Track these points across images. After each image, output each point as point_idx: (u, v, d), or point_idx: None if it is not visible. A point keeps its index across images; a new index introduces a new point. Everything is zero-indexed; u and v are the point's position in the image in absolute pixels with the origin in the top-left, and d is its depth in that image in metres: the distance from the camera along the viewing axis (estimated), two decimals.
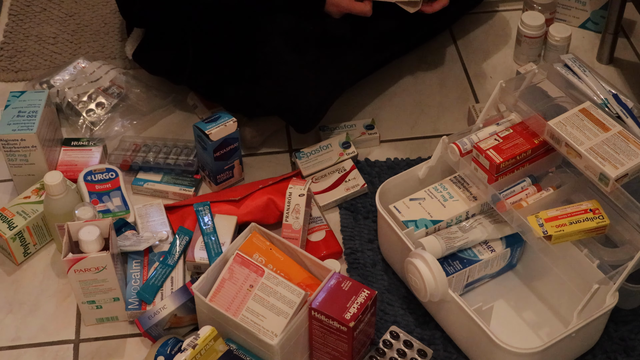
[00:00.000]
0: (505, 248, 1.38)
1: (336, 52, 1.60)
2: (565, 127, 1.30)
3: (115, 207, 1.52)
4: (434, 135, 1.70)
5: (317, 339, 1.28)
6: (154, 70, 1.73)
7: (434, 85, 1.81)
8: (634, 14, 1.95)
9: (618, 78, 1.81)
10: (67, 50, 1.91)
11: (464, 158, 1.38)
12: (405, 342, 1.32)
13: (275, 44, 1.55)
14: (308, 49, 1.57)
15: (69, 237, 1.32)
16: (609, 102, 1.38)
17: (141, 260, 1.44)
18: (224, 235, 1.46)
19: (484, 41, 1.91)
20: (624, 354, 1.33)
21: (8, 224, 1.46)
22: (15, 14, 2.00)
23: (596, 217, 1.28)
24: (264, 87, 1.57)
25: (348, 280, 1.27)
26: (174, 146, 1.63)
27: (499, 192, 1.33)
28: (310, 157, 1.62)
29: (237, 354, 1.24)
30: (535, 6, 1.84)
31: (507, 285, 1.43)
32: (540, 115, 1.34)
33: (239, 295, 1.26)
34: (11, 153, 1.53)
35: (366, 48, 1.65)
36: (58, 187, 1.40)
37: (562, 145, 1.30)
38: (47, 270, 1.48)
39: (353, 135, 1.67)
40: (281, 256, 1.32)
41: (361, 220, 1.54)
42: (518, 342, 1.22)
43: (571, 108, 1.35)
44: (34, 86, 1.76)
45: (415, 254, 1.30)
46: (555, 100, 1.41)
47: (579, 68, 1.43)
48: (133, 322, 1.39)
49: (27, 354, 1.37)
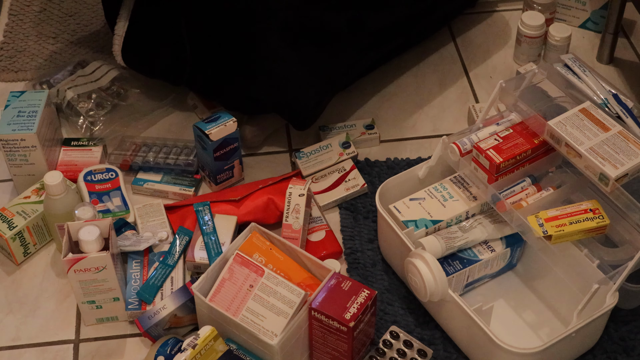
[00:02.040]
0: (505, 248, 1.38)
1: (333, 48, 1.60)
2: (565, 127, 1.30)
3: (115, 207, 1.52)
4: (434, 135, 1.70)
5: (317, 339, 1.28)
6: (151, 72, 1.71)
7: (434, 85, 1.81)
8: (634, 14, 1.95)
9: (618, 78, 1.81)
10: (67, 50, 1.91)
11: (464, 158, 1.38)
12: (405, 342, 1.32)
13: (271, 40, 1.54)
14: (305, 45, 1.56)
15: (69, 237, 1.32)
16: (609, 102, 1.38)
17: (141, 260, 1.44)
18: (224, 235, 1.46)
19: (484, 41, 1.91)
20: (624, 354, 1.33)
21: (8, 224, 1.46)
22: (15, 14, 2.00)
23: (596, 217, 1.28)
24: (261, 83, 1.57)
25: (348, 280, 1.27)
26: (174, 146, 1.63)
27: (499, 192, 1.33)
28: (310, 157, 1.62)
29: (237, 354, 1.24)
30: (535, 6, 1.84)
31: (507, 285, 1.43)
32: (540, 115, 1.34)
33: (239, 295, 1.26)
34: (11, 153, 1.53)
35: (363, 44, 1.65)
36: (58, 187, 1.41)
37: (562, 145, 1.30)
38: (47, 270, 1.48)
39: (353, 135, 1.67)
40: (281, 256, 1.32)
41: (361, 220, 1.54)
42: (518, 342, 1.22)
43: (571, 108, 1.35)
44: (34, 86, 1.76)
45: (415, 254, 1.30)
46: (555, 100, 1.41)
47: (579, 68, 1.43)
48: (133, 322, 1.39)
49: (27, 354, 1.37)
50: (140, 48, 1.67)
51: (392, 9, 1.65)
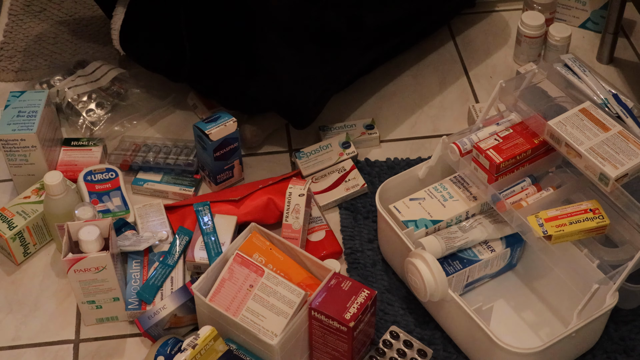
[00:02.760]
0: (505, 248, 1.38)
1: (333, 47, 1.59)
2: (565, 127, 1.30)
3: (115, 207, 1.52)
4: (434, 135, 1.70)
5: (317, 339, 1.28)
6: (150, 65, 1.71)
7: (434, 85, 1.81)
8: (634, 14, 1.95)
9: (618, 78, 1.81)
10: (67, 50, 1.91)
11: (464, 158, 1.38)
12: (405, 342, 1.32)
13: (271, 39, 1.54)
14: (304, 44, 1.56)
15: (69, 237, 1.32)
16: (609, 102, 1.38)
17: (141, 260, 1.44)
18: (224, 235, 1.46)
19: (484, 41, 1.91)
20: (624, 354, 1.33)
21: (8, 224, 1.46)
22: (15, 14, 2.00)
23: (596, 217, 1.28)
24: (260, 82, 1.56)
25: (348, 280, 1.27)
26: (174, 146, 1.63)
27: (498, 192, 1.33)
28: (310, 157, 1.62)
29: (237, 354, 1.24)
30: (535, 6, 1.84)
31: (507, 285, 1.43)
32: (540, 115, 1.34)
33: (239, 295, 1.26)
34: (11, 153, 1.53)
35: (363, 43, 1.65)
36: (58, 187, 1.41)
37: (562, 145, 1.30)
38: (47, 270, 1.48)
39: (353, 135, 1.67)
40: (281, 256, 1.32)
41: (361, 220, 1.54)
42: (518, 342, 1.22)
43: (571, 108, 1.35)
44: (34, 86, 1.76)
45: (415, 254, 1.30)
46: (555, 100, 1.41)
47: (578, 68, 1.43)
48: (133, 322, 1.39)
49: (27, 354, 1.37)
50: (140, 39, 1.66)
51: (392, 7, 1.65)
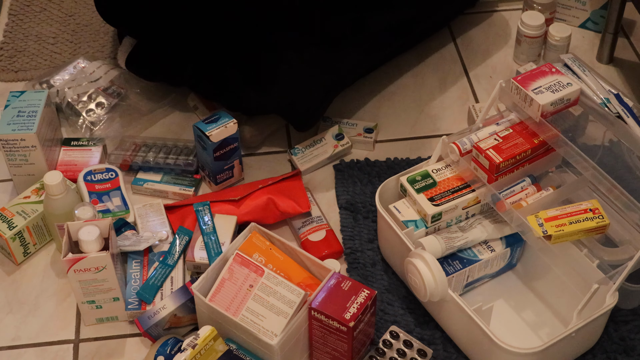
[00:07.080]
0: (505, 248, 1.38)
1: (336, 51, 1.60)
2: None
3: (115, 207, 1.52)
4: (434, 135, 1.70)
5: (317, 339, 1.28)
6: (151, 76, 1.70)
7: (434, 85, 1.81)
8: (634, 14, 1.95)
9: (618, 78, 1.81)
10: (67, 50, 1.91)
11: (464, 158, 1.38)
12: (405, 342, 1.32)
13: (274, 42, 1.55)
14: (308, 47, 1.57)
15: (69, 237, 1.32)
16: (609, 101, 1.38)
17: (141, 260, 1.44)
18: (224, 235, 1.46)
19: (484, 41, 1.91)
20: (624, 354, 1.33)
21: (8, 224, 1.46)
22: (15, 14, 2.00)
23: (596, 217, 1.28)
24: (263, 85, 1.57)
25: (348, 280, 1.27)
26: (174, 146, 1.63)
27: (498, 192, 1.33)
28: (305, 152, 1.62)
29: (237, 354, 1.24)
30: (535, 6, 1.84)
31: (507, 285, 1.43)
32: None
33: (239, 295, 1.26)
34: (11, 153, 1.53)
35: (366, 46, 1.65)
36: (58, 187, 1.41)
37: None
38: (47, 270, 1.48)
39: (348, 133, 1.67)
40: (281, 256, 1.32)
41: (361, 220, 1.54)
42: (518, 342, 1.22)
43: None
44: (34, 86, 1.76)
45: (415, 253, 1.30)
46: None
47: (578, 68, 1.43)
48: (133, 322, 1.39)
49: (27, 354, 1.37)
50: (139, 52, 1.67)
51: (395, 10, 1.65)
